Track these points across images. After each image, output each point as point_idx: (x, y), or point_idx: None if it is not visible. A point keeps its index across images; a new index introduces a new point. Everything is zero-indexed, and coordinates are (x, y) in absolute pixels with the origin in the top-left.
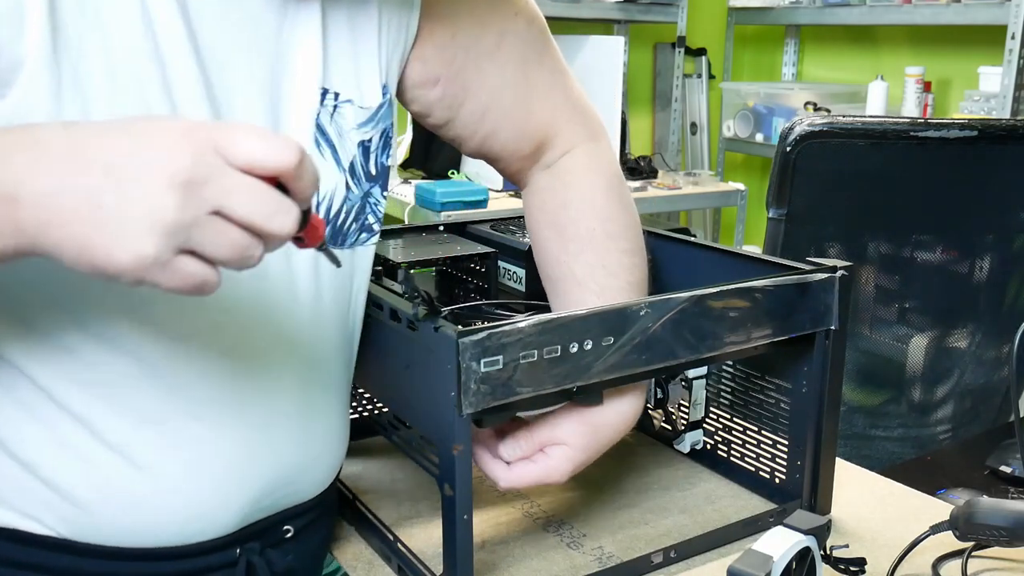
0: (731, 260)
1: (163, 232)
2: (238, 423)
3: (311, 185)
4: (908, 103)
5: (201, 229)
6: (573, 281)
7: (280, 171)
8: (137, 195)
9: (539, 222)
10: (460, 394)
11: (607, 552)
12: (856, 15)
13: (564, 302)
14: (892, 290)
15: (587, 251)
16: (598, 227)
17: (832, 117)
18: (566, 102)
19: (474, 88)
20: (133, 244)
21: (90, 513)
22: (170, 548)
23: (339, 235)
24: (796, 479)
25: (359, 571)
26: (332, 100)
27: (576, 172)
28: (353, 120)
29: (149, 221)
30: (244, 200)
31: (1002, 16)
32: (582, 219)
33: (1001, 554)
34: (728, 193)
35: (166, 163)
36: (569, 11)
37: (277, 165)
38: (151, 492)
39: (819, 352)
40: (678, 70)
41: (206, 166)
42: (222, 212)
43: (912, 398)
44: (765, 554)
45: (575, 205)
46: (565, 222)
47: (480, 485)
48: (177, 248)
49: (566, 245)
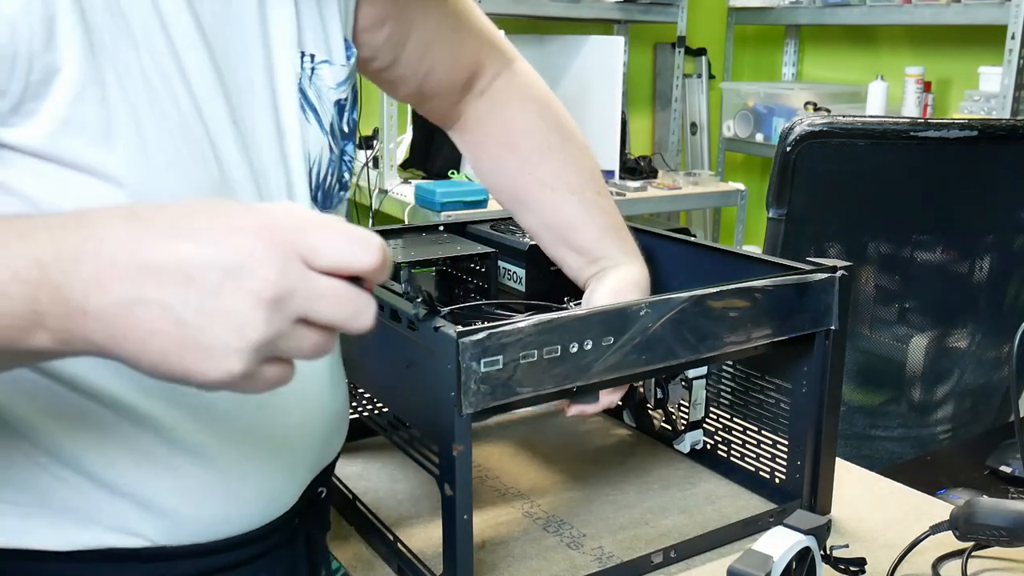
0: (731, 260)
1: (252, 349)
2: (293, 398)
3: (386, 274)
4: (908, 103)
5: (287, 338)
6: (543, 187)
7: (365, 272)
8: (222, 312)
9: (490, 146)
10: (460, 394)
11: (607, 552)
12: (856, 15)
13: (539, 210)
14: (892, 290)
15: (547, 159)
16: (551, 135)
17: (832, 117)
18: (484, 28)
19: (418, 22)
20: (222, 363)
21: (180, 517)
22: (249, 533)
23: (327, 198)
24: (796, 479)
25: (359, 571)
26: (309, 63)
27: (512, 91)
28: (331, 80)
29: (237, 340)
30: (329, 305)
31: (1002, 16)
32: (535, 130)
33: (1001, 554)
34: (728, 193)
35: (251, 277)
36: (569, 11)
37: (362, 267)
38: (232, 485)
39: (819, 352)
40: (678, 70)
41: (292, 277)
42: (307, 319)
43: (912, 398)
44: (765, 554)
45: (523, 119)
46: (518, 137)
47: (480, 485)
48: (263, 359)
49: (526, 157)
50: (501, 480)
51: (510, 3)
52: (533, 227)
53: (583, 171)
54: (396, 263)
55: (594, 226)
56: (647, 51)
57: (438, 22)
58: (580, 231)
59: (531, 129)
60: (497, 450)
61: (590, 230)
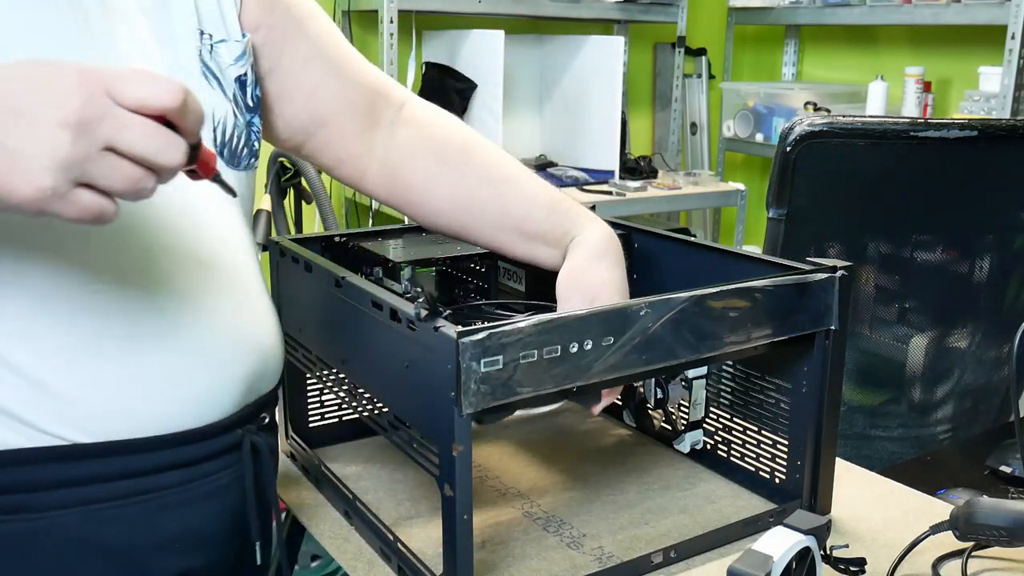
0: (731, 260)
1: (58, 167)
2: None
3: (197, 121)
4: (908, 103)
5: (95, 164)
6: (483, 183)
7: (166, 109)
8: (35, 134)
9: (432, 164)
10: (460, 394)
11: (607, 552)
12: (856, 15)
13: (489, 212)
14: (892, 290)
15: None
16: (470, 138)
17: (832, 117)
18: (376, 68)
19: (293, 38)
20: (32, 177)
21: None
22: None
23: (235, 158)
24: (796, 479)
25: (359, 571)
26: (208, 40)
27: (432, 111)
28: (228, 57)
29: (46, 157)
30: (134, 136)
31: (1002, 16)
32: (473, 142)
33: (1001, 554)
34: (728, 193)
35: (61, 104)
36: (569, 11)
37: (163, 103)
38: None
39: (819, 352)
40: (678, 70)
41: (98, 107)
42: (114, 148)
43: (912, 398)
44: (765, 554)
45: (459, 134)
46: (462, 148)
47: (480, 485)
48: (74, 181)
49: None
50: (501, 480)
51: (510, 3)
52: (489, 235)
53: (508, 160)
54: (396, 263)
55: (542, 206)
56: (647, 51)
57: (318, 40)
58: (532, 217)
59: (470, 140)
60: (497, 450)
61: (540, 210)
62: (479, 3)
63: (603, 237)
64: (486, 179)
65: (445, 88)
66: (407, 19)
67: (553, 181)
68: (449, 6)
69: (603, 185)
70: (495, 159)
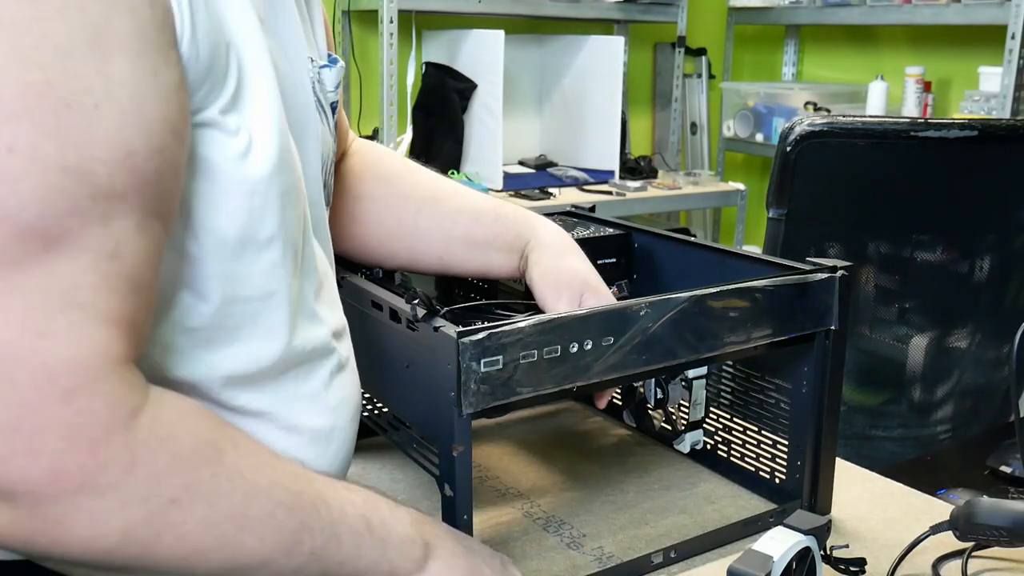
0: (731, 260)
1: None
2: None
3: None
4: (908, 103)
5: None
6: (436, 199)
7: None
8: None
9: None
10: (460, 394)
11: (607, 552)
12: (856, 15)
13: (439, 225)
14: (892, 290)
15: (418, 175)
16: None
17: (832, 117)
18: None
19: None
20: None
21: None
22: None
23: (329, 195)
24: (796, 479)
25: None
26: (315, 67)
27: (376, 148)
28: (330, 83)
29: None
30: None
31: (1002, 16)
32: (412, 166)
33: (1001, 554)
34: (728, 193)
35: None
36: (569, 11)
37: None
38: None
39: (819, 352)
40: (678, 70)
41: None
42: None
43: (912, 398)
44: (765, 554)
45: (408, 168)
46: (403, 170)
47: (480, 485)
48: None
49: (402, 181)
50: (501, 480)
51: (510, 3)
52: (438, 251)
53: (445, 179)
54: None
55: (487, 212)
56: (647, 51)
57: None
58: (480, 222)
59: (419, 171)
60: (497, 450)
61: (486, 216)
62: (479, 3)
63: (558, 233)
64: (429, 197)
65: (445, 88)
66: (407, 19)
67: (553, 181)
68: (449, 6)
69: (603, 185)
70: (433, 177)
